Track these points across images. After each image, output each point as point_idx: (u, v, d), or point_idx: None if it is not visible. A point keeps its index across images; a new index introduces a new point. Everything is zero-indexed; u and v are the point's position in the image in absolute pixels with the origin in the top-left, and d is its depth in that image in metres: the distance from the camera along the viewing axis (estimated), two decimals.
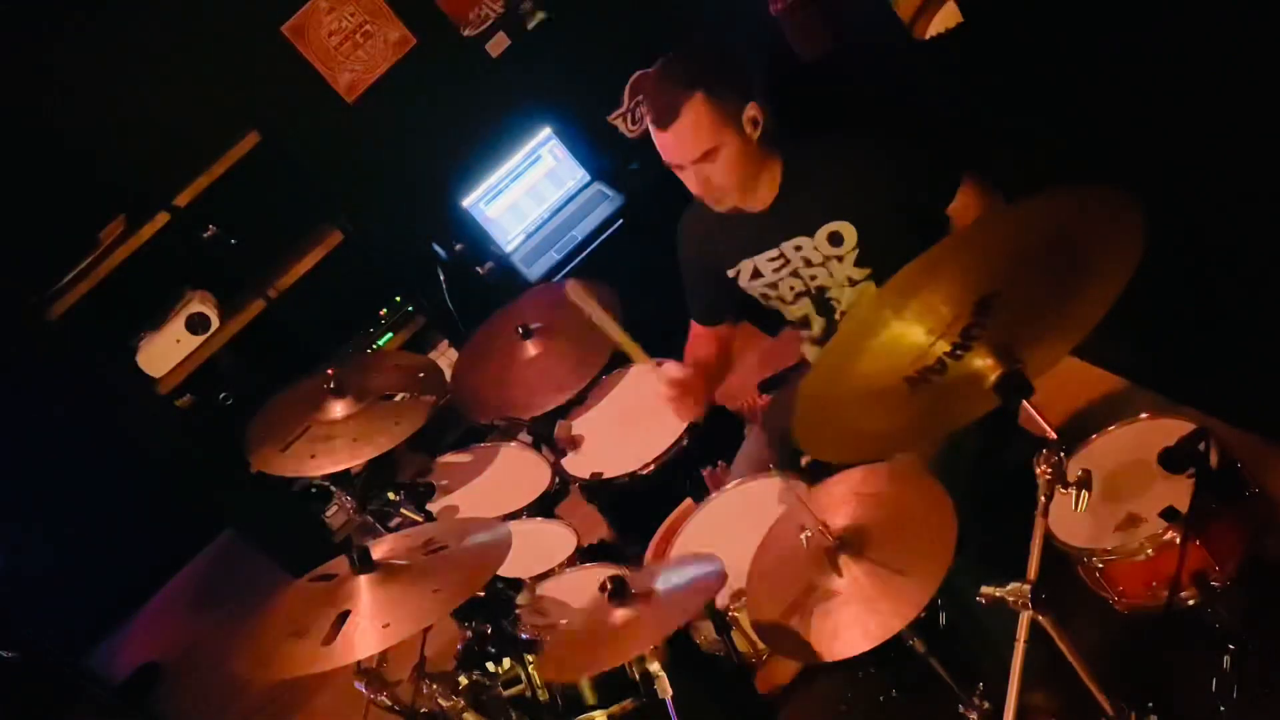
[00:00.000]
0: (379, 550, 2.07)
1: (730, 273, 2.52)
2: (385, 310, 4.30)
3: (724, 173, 2.31)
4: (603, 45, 4.39)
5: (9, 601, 4.12)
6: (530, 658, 2.30)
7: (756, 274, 2.48)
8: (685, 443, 2.77)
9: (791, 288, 2.48)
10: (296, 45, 4.08)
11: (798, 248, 2.41)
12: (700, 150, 2.27)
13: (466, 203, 4.22)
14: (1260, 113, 2.13)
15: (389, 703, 2.09)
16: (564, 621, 2.31)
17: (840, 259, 2.38)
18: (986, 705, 2.06)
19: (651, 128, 2.31)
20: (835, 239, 2.37)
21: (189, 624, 4.92)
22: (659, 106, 2.28)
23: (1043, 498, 1.77)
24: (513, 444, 3.07)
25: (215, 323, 4.01)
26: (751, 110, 2.28)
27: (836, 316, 2.49)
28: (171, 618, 5.09)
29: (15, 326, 4.05)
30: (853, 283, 2.41)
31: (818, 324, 2.53)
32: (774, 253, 2.44)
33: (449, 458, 3.09)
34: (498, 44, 4.28)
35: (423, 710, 2.18)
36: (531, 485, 2.90)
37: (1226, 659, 2.05)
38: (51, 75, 3.93)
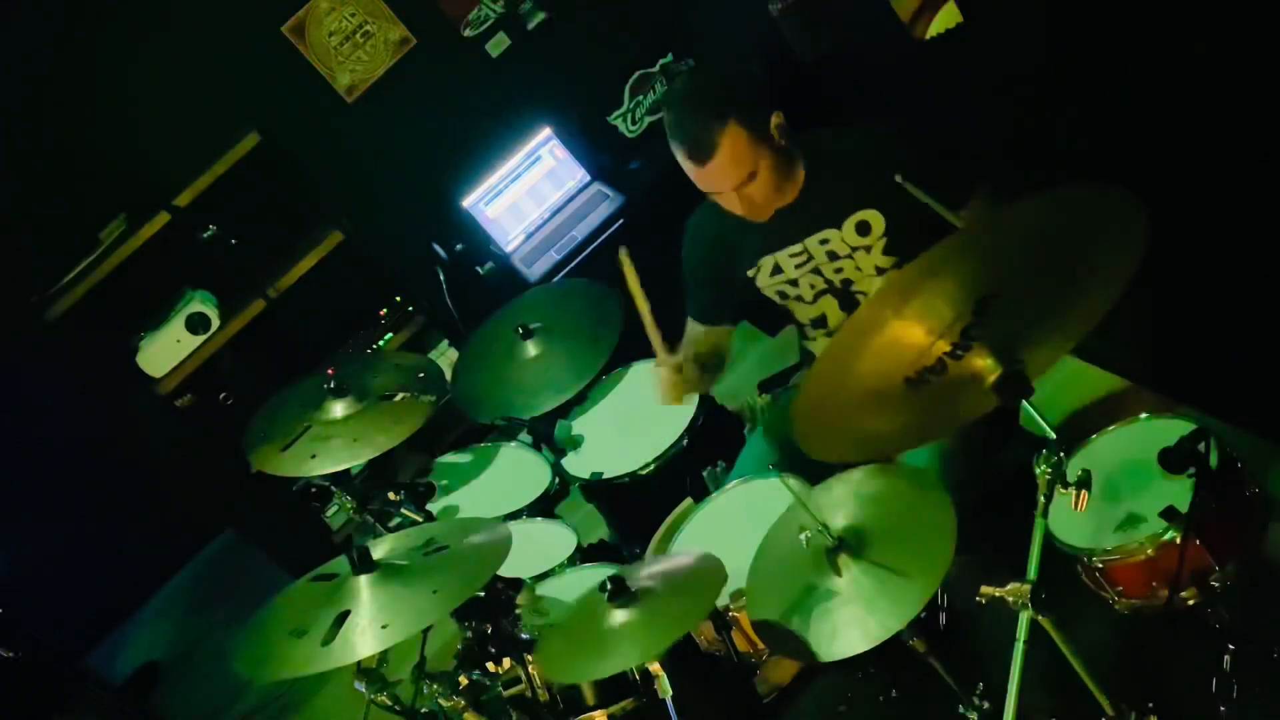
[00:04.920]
0: (379, 550, 2.07)
1: (749, 272, 2.51)
2: (385, 310, 4.30)
3: (766, 188, 2.32)
4: (603, 45, 4.38)
5: (9, 601, 4.12)
6: (530, 658, 2.30)
7: (777, 270, 2.48)
8: (685, 443, 2.77)
9: (812, 285, 2.47)
10: (296, 45, 4.08)
11: (824, 241, 2.40)
12: (743, 176, 2.28)
13: (466, 203, 4.22)
14: (1260, 113, 2.13)
15: (389, 703, 2.09)
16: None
17: (869, 249, 2.38)
18: (986, 705, 2.06)
19: (687, 164, 2.30)
20: (863, 228, 2.37)
21: (189, 624, 4.92)
22: (693, 144, 2.26)
23: (1043, 498, 1.77)
24: (513, 444, 3.07)
25: (215, 323, 4.01)
26: (777, 119, 2.29)
27: None
28: (171, 618, 5.09)
29: (15, 326, 4.05)
30: (880, 272, 2.41)
31: (838, 320, 2.52)
32: (797, 248, 2.43)
33: (449, 458, 3.09)
34: (498, 44, 4.28)
35: (423, 710, 2.18)
36: (531, 485, 2.90)
37: (1226, 659, 2.05)
38: (52, 75, 3.93)
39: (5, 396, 4.35)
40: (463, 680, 2.27)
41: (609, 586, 2.06)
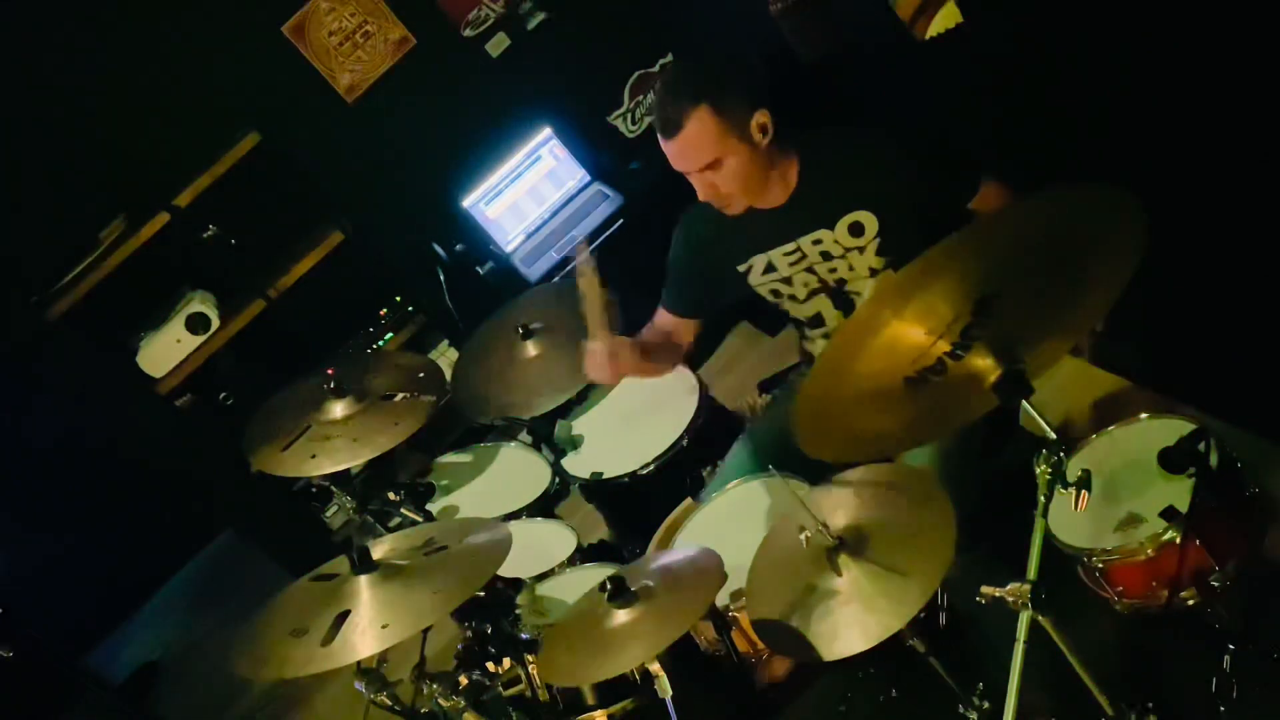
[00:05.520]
0: (379, 550, 2.07)
1: (740, 268, 2.51)
2: (385, 310, 4.31)
3: (730, 181, 2.31)
4: (603, 45, 4.38)
5: (9, 601, 4.12)
6: (530, 658, 2.30)
7: (770, 269, 2.48)
8: (685, 443, 2.77)
9: (805, 284, 2.47)
10: (296, 45, 4.08)
11: (817, 241, 2.40)
12: (704, 161, 2.28)
13: (466, 203, 4.22)
14: (1260, 113, 2.13)
15: (389, 703, 2.09)
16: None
17: (861, 250, 2.38)
18: (986, 705, 2.06)
19: (659, 138, 2.31)
20: (856, 229, 2.37)
21: (189, 624, 4.92)
22: (663, 117, 2.28)
23: (1043, 498, 1.77)
24: (513, 444, 3.07)
25: (215, 323, 4.01)
26: (760, 117, 2.27)
27: None
28: (171, 618, 5.09)
29: (15, 326, 4.05)
30: (874, 273, 2.41)
31: (834, 319, 2.52)
32: (790, 247, 2.43)
33: (449, 458, 3.09)
34: (498, 44, 4.28)
35: (423, 710, 2.18)
36: (531, 485, 2.90)
37: (1226, 659, 2.05)
38: (51, 75, 3.93)
39: (5, 396, 4.34)
40: (463, 680, 2.27)
41: (609, 586, 2.06)
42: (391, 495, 2.57)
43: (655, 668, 2.10)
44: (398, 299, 4.30)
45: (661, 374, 2.75)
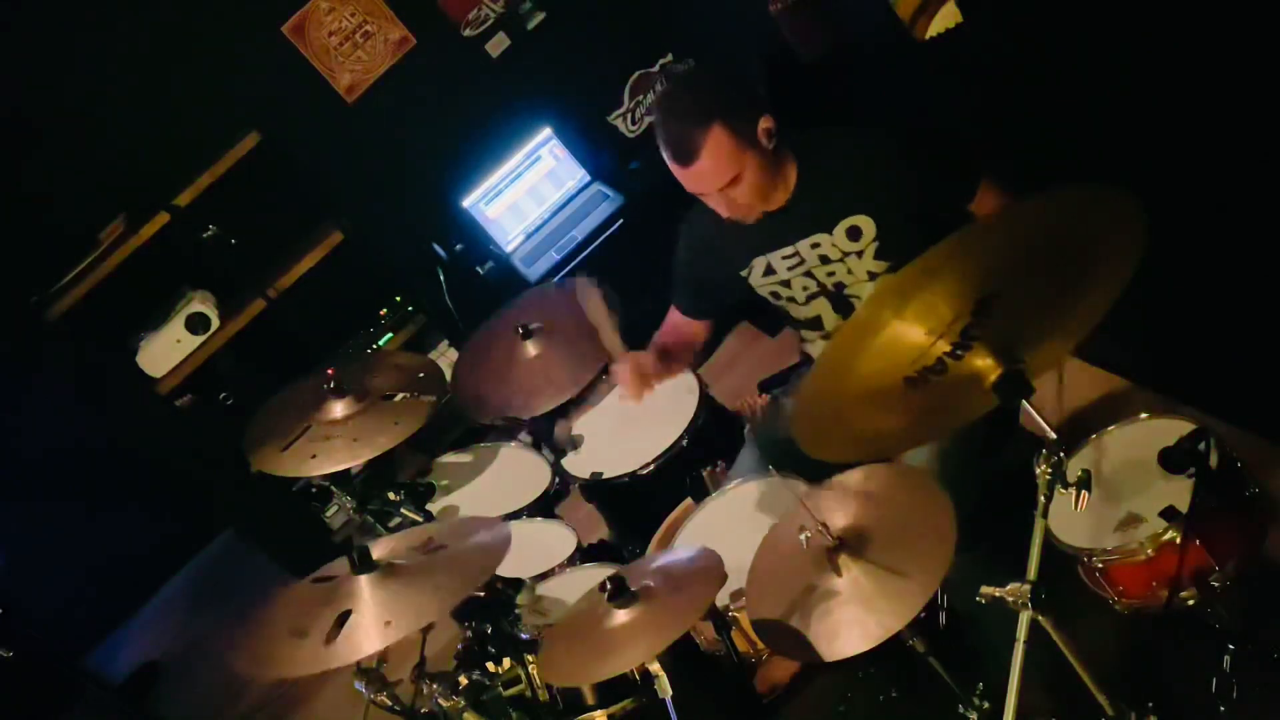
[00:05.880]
0: (379, 550, 2.07)
1: (742, 272, 2.51)
2: (385, 310, 4.31)
3: (750, 192, 2.31)
4: (603, 45, 4.39)
5: (9, 601, 4.12)
6: (530, 658, 2.30)
7: (769, 271, 2.48)
8: (685, 443, 2.77)
9: (804, 287, 2.47)
10: (296, 45, 4.08)
11: (815, 245, 2.40)
12: (725, 180, 2.26)
13: (466, 203, 4.22)
14: (1260, 113, 2.13)
15: (389, 703, 2.09)
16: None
17: (860, 254, 2.38)
18: (986, 705, 2.06)
19: (672, 165, 2.29)
20: (854, 233, 2.36)
21: (189, 624, 4.92)
22: (677, 145, 2.25)
23: (1043, 498, 1.77)
24: (513, 444, 3.07)
25: (215, 323, 4.01)
26: (765, 123, 2.27)
27: None
28: (171, 618, 5.09)
29: (15, 326, 4.05)
30: (873, 276, 2.40)
31: (833, 322, 2.52)
32: (789, 250, 2.43)
33: (449, 458, 3.09)
34: (498, 44, 4.28)
35: (423, 710, 2.18)
36: (531, 485, 2.90)
37: (1226, 659, 2.05)
38: (51, 75, 3.93)
39: (5, 397, 4.35)
40: (463, 680, 2.27)
41: (609, 586, 2.06)
42: (391, 495, 2.57)
43: (655, 668, 2.10)
44: (398, 299, 4.31)
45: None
